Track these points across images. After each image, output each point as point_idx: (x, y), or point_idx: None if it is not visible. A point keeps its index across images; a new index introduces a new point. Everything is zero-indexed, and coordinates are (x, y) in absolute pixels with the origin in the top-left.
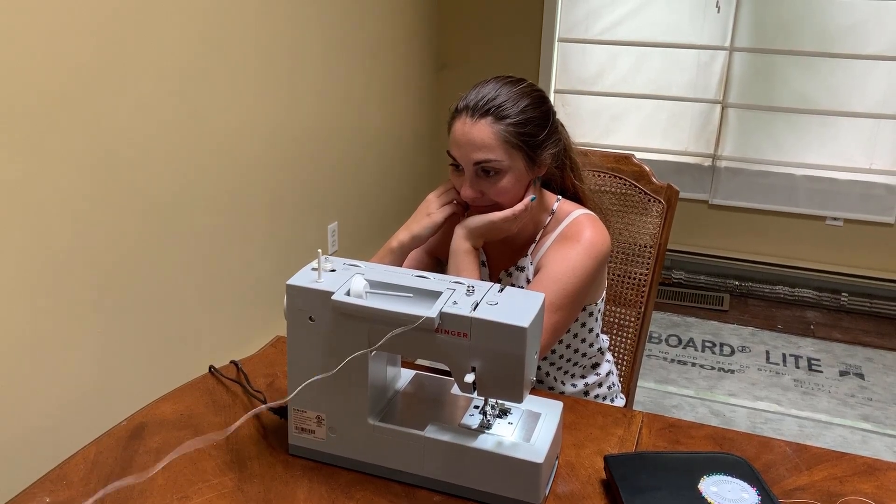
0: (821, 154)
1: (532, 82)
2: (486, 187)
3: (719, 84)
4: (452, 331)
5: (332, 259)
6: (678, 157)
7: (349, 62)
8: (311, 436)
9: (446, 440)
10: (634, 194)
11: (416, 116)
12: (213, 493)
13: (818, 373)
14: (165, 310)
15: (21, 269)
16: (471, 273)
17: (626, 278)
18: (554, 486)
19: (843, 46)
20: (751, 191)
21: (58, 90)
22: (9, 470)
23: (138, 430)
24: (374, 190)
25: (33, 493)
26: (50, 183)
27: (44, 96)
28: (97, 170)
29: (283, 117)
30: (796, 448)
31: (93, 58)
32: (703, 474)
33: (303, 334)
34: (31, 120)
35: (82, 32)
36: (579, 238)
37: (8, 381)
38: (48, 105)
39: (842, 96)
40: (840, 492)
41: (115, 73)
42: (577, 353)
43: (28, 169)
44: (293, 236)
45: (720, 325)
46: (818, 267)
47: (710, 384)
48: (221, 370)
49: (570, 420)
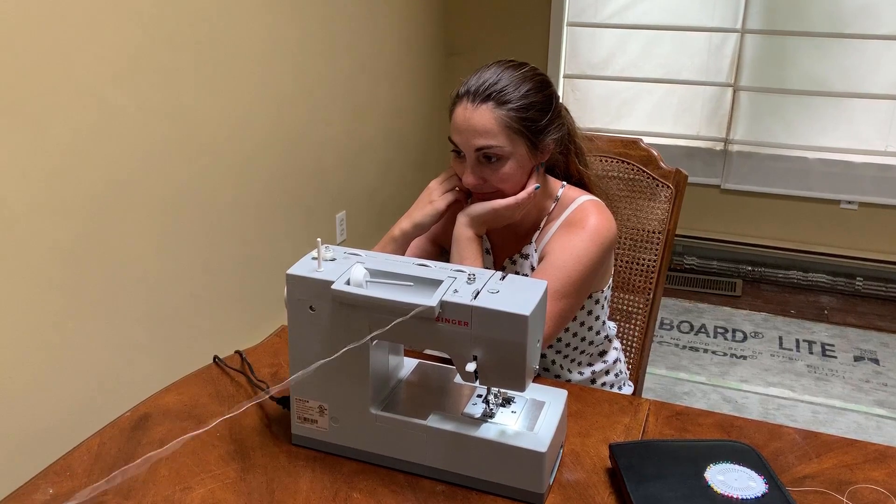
0: (835, 137)
1: (534, 66)
2: (488, 174)
3: (731, 67)
4: (453, 319)
5: (333, 248)
6: (689, 141)
7: (358, 50)
8: (313, 426)
9: (449, 429)
10: (642, 179)
11: (424, 104)
12: (215, 484)
13: (832, 358)
14: (170, 300)
15: (27, 261)
16: (473, 261)
17: (634, 265)
18: (558, 475)
19: (857, 27)
20: (763, 175)
21: (63, 85)
22: (13, 461)
23: (142, 421)
24: (383, 178)
25: (37, 484)
26: (59, 175)
27: (47, 93)
28: (104, 160)
29: (289, 106)
30: (805, 435)
31: (98, 52)
32: (710, 463)
33: (303, 324)
34: (37, 116)
35: (87, 30)
36: (584, 225)
37: (13, 372)
38: (54, 101)
39: (856, 78)
40: (850, 479)
41: (123, 64)
42: (584, 341)
43: (37, 163)
44: (301, 225)
45: (732, 311)
46: (832, 251)
47: (723, 370)
48: (226, 360)
49: (576, 408)
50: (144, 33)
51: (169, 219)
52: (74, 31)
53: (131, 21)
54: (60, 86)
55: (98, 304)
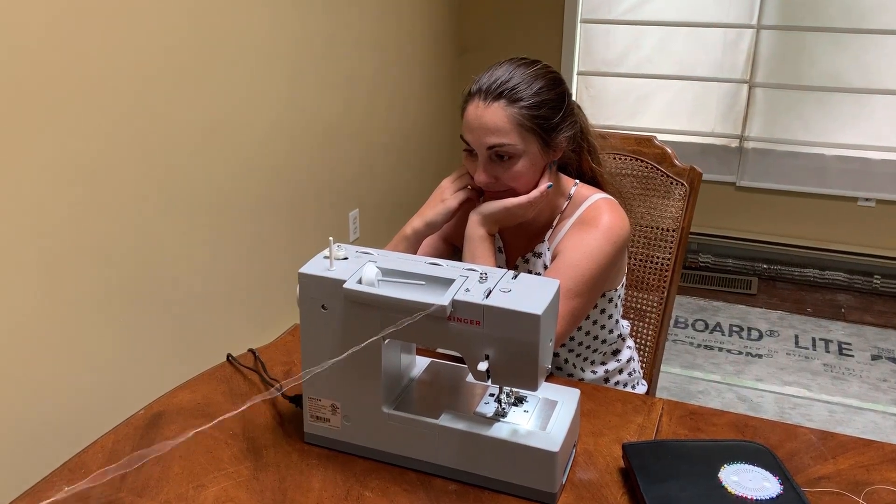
0: (852, 133)
1: (546, 63)
2: (500, 172)
3: (746, 63)
4: (465, 318)
5: (345, 247)
6: (705, 138)
7: (370, 49)
8: (326, 424)
9: (461, 428)
10: (656, 177)
11: (437, 102)
12: (228, 482)
13: (849, 357)
14: (185, 298)
15: (42, 258)
16: (486, 259)
17: (648, 263)
18: (571, 475)
19: (875, 21)
20: (779, 172)
21: (70, 85)
22: (28, 459)
23: (155, 419)
24: (395, 176)
25: (52, 481)
26: (75, 174)
27: (54, 92)
28: (118, 160)
29: (302, 105)
30: (821, 435)
31: (106, 49)
32: (724, 463)
33: (315, 323)
34: (51, 118)
35: (94, 27)
36: (597, 223)
37: (28, 370)
38: (63, 100)
39: (874, 73)
40: (867, 480)
41: (135, 62)
42: (597, 340)
43: (52, 162)
44: (314, 224)
45: (748, 310)
46: (850, 249)
47: (738, 369)
48: (239, 359)
49: (589, 407)
50: (154, 29)
51: (183, 218)
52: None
53: (141, 16)
54: (69, 83)
55: (112, 303)
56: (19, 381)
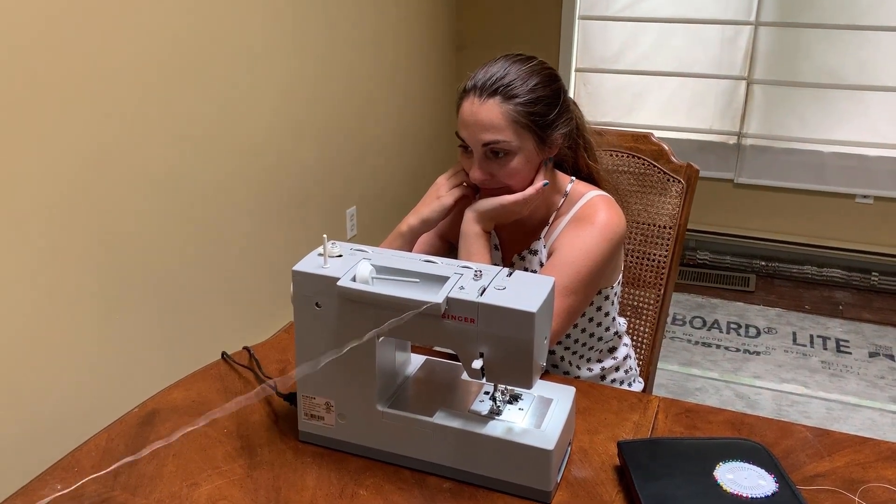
0: (850, 130)
1: (542, 60)
2: (496, 169)
3: (744, 60)
4: (459, 316)
5: (339, 244)
6: (702, 135)
7: (367, 45)
8: (320, 422)
9: (456, 426)
10: (653, 174)
11: (434, 98)
12: (222, 480)
13: (847, 354)
14: (179, 295)
15: (34, 257)
16: (481, 256)
17: (645, 260)
18: (566, 473)
19: (873, 18)
20: (777, 169)
21: (66, 86)
22: (22, 458)
23: (149, 417)
24: (393, 174)
25: (45, 480)
26: (70, 174)
27: (51, 92)
28: (111, 159)
29: (298, 102)
30: (817, 433)
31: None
32: (719, 461)
33: (310, 320)
34: (49, 119)
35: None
36: (593, 220)
37: (21, 368)
38: (60, 100)
39: (872, 70)
40: (862, 478)
41: (130, 62)
42: (593, 338)
43: (51, 158)
44: (311, 221)
45: (746, 307)
46: (847, 246)
47: (735, 366)
48: (234, 356)
49: (585, 405)
50: (150, 29)
51: (179, 215)
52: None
53: (136, 17)
54: (73, 87)
55: (106, 300)
56: (12, 380)
